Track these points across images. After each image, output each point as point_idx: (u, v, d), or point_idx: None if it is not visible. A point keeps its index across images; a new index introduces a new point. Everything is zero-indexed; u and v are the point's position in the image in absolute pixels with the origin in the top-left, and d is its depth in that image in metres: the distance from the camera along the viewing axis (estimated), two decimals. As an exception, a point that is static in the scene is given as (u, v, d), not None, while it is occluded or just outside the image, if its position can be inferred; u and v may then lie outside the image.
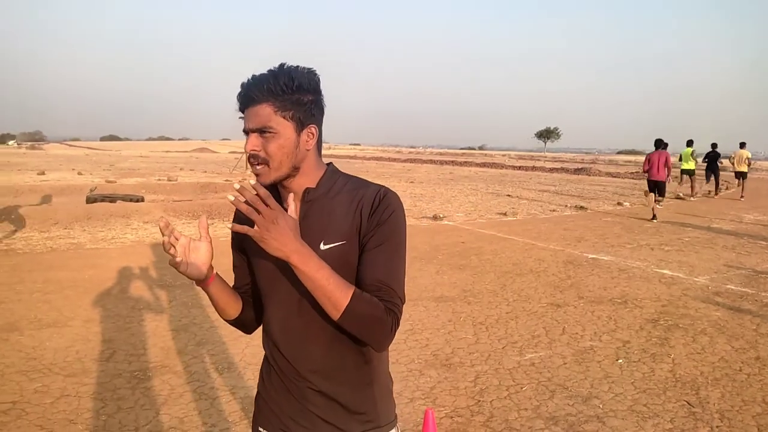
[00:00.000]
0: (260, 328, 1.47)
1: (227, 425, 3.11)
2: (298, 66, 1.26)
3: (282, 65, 1.25)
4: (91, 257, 7.18)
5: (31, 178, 18.27)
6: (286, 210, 1.19)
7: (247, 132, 1.27)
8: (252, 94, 1.23)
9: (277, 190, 1.34)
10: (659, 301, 5.67)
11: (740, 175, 17.81)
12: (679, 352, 4.31)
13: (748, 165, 18.03)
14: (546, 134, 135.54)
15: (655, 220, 11.64)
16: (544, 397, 3.52)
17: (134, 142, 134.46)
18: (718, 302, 5.66)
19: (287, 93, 1.23)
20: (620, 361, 4.12)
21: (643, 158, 12.98)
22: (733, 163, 18.13)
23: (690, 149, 17.20)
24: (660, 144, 11.92)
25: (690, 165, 17.20)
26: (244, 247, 1.42)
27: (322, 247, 1.26)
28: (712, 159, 18.39)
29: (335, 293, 1.15)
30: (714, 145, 18.50)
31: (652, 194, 11.91)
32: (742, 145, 17.99)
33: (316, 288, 1.15)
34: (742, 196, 17.22)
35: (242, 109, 1.27)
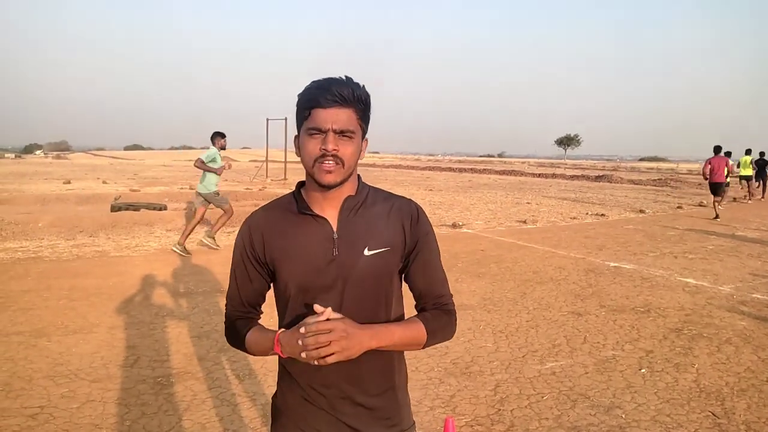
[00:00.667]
0: None
1: (248, 431, 3.14)
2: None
3: (348, 78, 1.28)
4: (115, 265, 7.31)
5: (58, 187, 18.67)
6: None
7: (324, 131, 1.25)
8: (344, 95, 1.25)
9: (299, 193, 1.38)
10: (683, 310, 5.58)
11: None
12: (703, 362, 4.23)
13: None
14: (566, 141, 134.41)
15: (718, 219, 12.93)
16: (565, 406, 3.49)
17: (157, 151, 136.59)
18: (744, 311, 5.55)
19: (363, 103, 1.29)
20: (643, 370, 4.07)
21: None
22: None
23: (748, 157, 19.25)
24: (719, 150, 13.54)
25: (748, 171, 19.22)
26: (273, 258, 1.35)
27: (367, 252, 1.32)
28: (761, 166, 20.23)
29: (415, 338, 1.33)
30: (762, 153, 20.26)
31: (713, 194, 13.66)
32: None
33: (399, 346, 1.33)
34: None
35: (316, 107, 1.25)
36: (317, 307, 1.20)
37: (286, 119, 22.50)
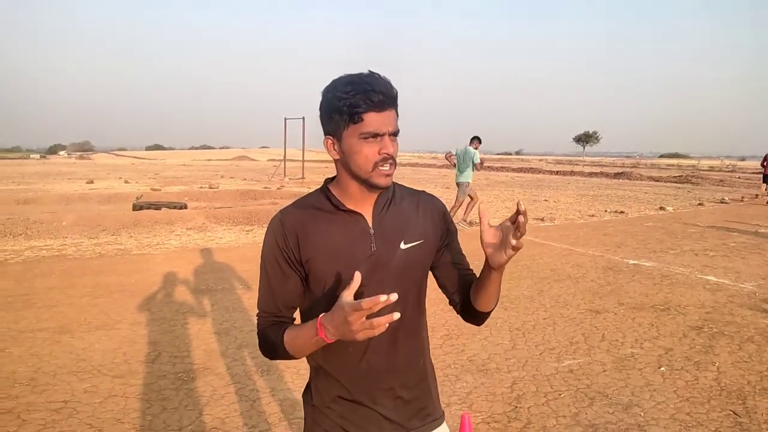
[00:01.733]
0: None
1: (267, 426, 3.18)
2: None
3: (377, 73, 1.25)
4: (137, 262, 7.43)
5: (81, 187, 19.00)
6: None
7: (380, 134, 1.23)
8: (392, 96, 1.24)
9: (327, 190, 1.35)
10: (703, 308, 5.51)
11: None
12: (724, 360, 4.18)
13: None
14: (585, 138, 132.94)
15: None
16: (583, 404, 3.48)
17: (177, 151, 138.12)
18: (766, 309, 5.46)
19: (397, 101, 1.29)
20: (662, 368, 4.03)
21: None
22: None
23: None
24: None
25: None
26: (309, 257, 1.30)
27: (403, 246, 1.34)
28: None
29: (498, 291, 1.44)
30: None
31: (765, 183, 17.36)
32: None
33: (496, 292, 1.43)
34: None
35: (376, 110, 1.22)
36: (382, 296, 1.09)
37: (303, 118, 22.62)
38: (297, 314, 1.41)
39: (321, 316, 1.18)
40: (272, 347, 1.32)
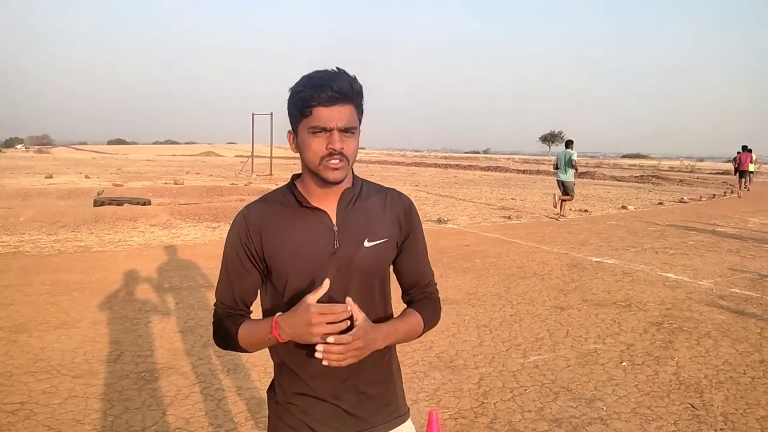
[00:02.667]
0: None
1: (233, 426, 3.14)
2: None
3: (342, 70, 1.26)
4: (98, 260, 7.24)
5: (39, 182, 18.41)
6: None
7: (328, 129, 1.23)
8: (345, 91, 1.23)
9: (293, 186, 1.37)
10: (663, 305, 5.67)
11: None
12: (683, 355, 4.31)
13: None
14: (551, 138, 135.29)
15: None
16: (547, 399, 3.54)
17: (141, 145, 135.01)
18: (723, 305, 5.66)
19: (361, 97, 1.29)
20: (624, 363, 4.13)
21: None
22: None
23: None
24: (745, 148, 21.62)
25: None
26: (272, 253, 1.32)
27: (366, 244, 1.34)
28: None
29: (413, 331, 1.40)
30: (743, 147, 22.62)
31: (739, 178, 21.25)
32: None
33: (400, 341, 1.39)
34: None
35: (318, 105, 1.22)
36: (349, 300, 1.20)
37: (271, 114, 22.41)
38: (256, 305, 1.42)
39: (277, 315, 1.23)
40: (226, 338, 1.35)
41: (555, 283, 6.48)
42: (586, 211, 13.96)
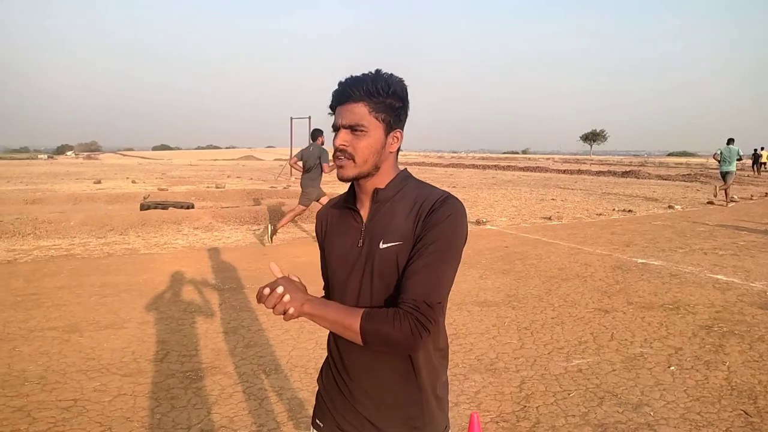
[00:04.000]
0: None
1: (276, 425, 3.18)
2: (392, 74, 1.33)
3: (378, 71, 1.32)
4: (145, 262, 7.46)
5: (89, 187, 19.10)
6: (356, 210, 1.40)
7: (337, 127, 1.33)
8: (350, 91, 1.29)
9: (352, 187, 1.43)
10: (713, 307, 5.47)
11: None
12: (734, 360, 4.15)
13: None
14: (592, 137, 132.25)
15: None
16: (592, 404, 3.46)
17: (184, 151, 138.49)
18: (778, 309, 5.42)
19: (382, 96, 1.30)
20: (672, 368, 4.00)
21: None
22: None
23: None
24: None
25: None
26: (323, 247, 1.49)
27: (381, 246, 1.32)
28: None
29: (346, 319, 1.25)
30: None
31: None
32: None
33: (330, 323, 1.28)
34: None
35: (335, 106, 1.34)
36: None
37: (309, 118, 22.63)
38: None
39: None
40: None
41: (598, 285, 6.33)
42: (630, 211, 13.60)
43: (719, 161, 14.89)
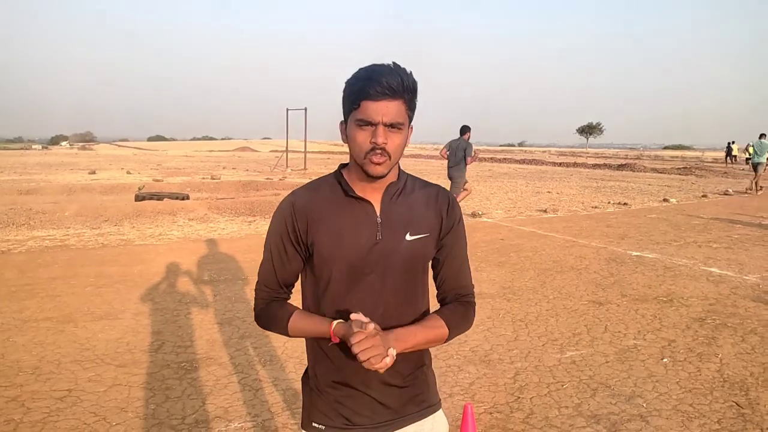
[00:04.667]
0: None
1: (270, 415, 3.19)
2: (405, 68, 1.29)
3: (396, 65, 1.26)
4: (139, 253, 7.45)
5: (83, 177, 19.02)
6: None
7: (371, 123, 1.24)
8: (393, 86, 1.23)
9: (341, 177, 1.38)
10: (707, 300, 5.50)
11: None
12: (727, 352, 4.18)
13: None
14: (588, 130, 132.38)
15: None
16: (585, 395, 3.48)
17: (179, 142, 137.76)
18: (770, 301, 5.45)
19: (412, 93, 1.28)
20: (665, 360, 4.03)
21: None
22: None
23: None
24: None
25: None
26: (316, 239, 1.33)
27: (408, 237, 1.35)
28: None
29: (437, 337, 1.36)
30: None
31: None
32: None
33: (422, 345, 1.35)
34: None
35: (372, 99, 1.23)
36: (354, 316, 1.23)
37: (306, 109, 22.56)
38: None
39: (336, 323, 1.29)
40: (273, 321, 1.40)
41: (593, 278, 6.35)
42: (625, 204, 13.64)
43: (750, 154, 16.67)
